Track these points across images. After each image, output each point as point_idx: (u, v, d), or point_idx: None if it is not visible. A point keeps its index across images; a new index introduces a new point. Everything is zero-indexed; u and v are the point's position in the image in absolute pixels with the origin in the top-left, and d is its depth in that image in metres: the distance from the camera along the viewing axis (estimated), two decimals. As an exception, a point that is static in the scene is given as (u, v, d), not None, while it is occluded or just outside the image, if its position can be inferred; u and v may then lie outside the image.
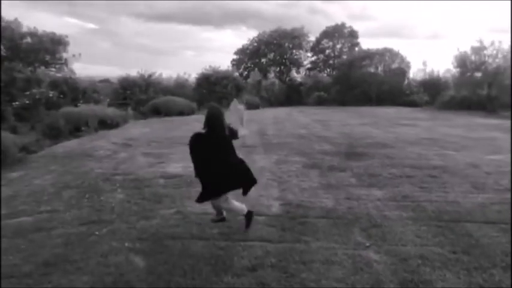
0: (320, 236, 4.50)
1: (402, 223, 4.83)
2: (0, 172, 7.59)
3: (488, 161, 8.19)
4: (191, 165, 4.50)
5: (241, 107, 5.23)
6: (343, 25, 39.04)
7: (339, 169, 7.64)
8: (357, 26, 48.84)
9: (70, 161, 8.66)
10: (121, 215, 5.26)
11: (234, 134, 4.46)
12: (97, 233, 4.66)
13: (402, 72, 31.06)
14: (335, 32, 38.88)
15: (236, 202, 4.60)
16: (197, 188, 6.28)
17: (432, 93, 28.28)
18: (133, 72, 27.82)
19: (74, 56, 27.49)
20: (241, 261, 3.88)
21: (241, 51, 42.56)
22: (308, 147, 9.80)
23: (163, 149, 9.83)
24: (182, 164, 7.98)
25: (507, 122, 16.58)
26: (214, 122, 4.26)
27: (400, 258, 3.89)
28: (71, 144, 11.05)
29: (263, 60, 42.10)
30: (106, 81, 31.20)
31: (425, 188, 6.30)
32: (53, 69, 27.16)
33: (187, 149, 4.42)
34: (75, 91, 21.08)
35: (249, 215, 4.66)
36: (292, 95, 33.92)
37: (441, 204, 5.47)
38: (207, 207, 5.36)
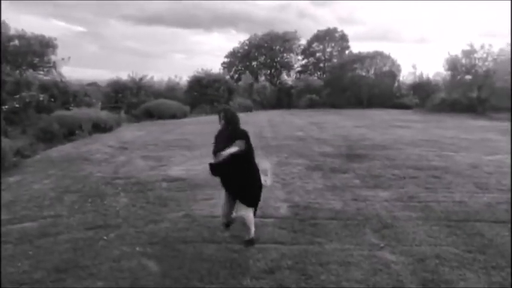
0: (333, 237, 4.47)
1: (413, 223, 4.82)
2: (0, 177, 7.43)
3: (488, 161, 8.27)
4: (193, 168, 4.48)
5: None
6: (334, 29, 39.27)
7: (341, 171, 7.63)
8: (345, 30, 49.20)
9: (68, 165, 8.50)
10: (127, 219, 5.16)
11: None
12: (105, 237, 4.56)
13: (393, 75, 31.32)
14: (326, 36, 39.07)
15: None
16: (202, 191, 6.29)
17: (422, 96, 28.58)
18: (121, 75, 27.55)
19: (63, 59, 27.13)
20: (258, 264, 3.83)
21: (232, 54, 42.52)
22: (308, 149, 9.78)
23: (162, 152, 9.71)
24: (183, 167, 7.87)
25: (499, 124, 16.83)
26: (234, 119, 4.19)
27: (417, 259, 3.87)
28: (66, 148, 10.86)
29: (254, 63, 42.13)
30: (94, 84, 30.81)
31: (430, 188, 6.32)
32: (41, 72, 26.78)
33: (185, 152, 4.41)
34: (65, 94, 20.79)
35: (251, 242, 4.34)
36: (283, 98, 33.93)
37: (448, 205, 5.49)
38: (214, 209, 5.33)
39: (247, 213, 4.21)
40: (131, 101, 24.72)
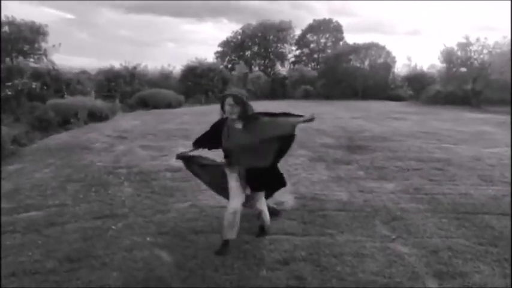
0: (343, 228, 4.47)
1: (422, 216, 4.84)
2: (0, 165, 7.29)
3: (488, 154, 8.34)
4: None
5: None
6: (329, 20, 39.17)
7: (344, 162, 7.64)
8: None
9: (67, 154, 8.38)
10: (133, 209, 5.11)
11: None
12: (113, 227, 4.51)
13: (387, 66, 31.41)
14: (320, 26, 38.97)
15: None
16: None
17: (417, 88, 28.73)
18: (112, 64, 27.16)
19: (53, 46, 26.63)
20: (271, 255, 3.81)
21: (225, 44, 42.22)
22: (309, 140, 9.77)
23: (161, 142, 9.63)
24: (186, 157, 7.81)
25: (493, 117, 17.00)
26: (248, 105, 3.84)
27: (430, 251, 3.89)
28: (63, 137, 10.72)
29: (247, 53, 41.90)
30: (84, 72, 30.33)
31: (434, 180, 6.35)
32: (32, 59, 26.31)
33: (186, 142, 4.38)
34: (58, 82, 20.46)
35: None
36: (278, 89, 33.86)
37: (455, 197, 5.52)
38: (220, 199, 5.27)
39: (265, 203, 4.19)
40: (125, 89, 24.45)
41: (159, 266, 3.60)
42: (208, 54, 67.58)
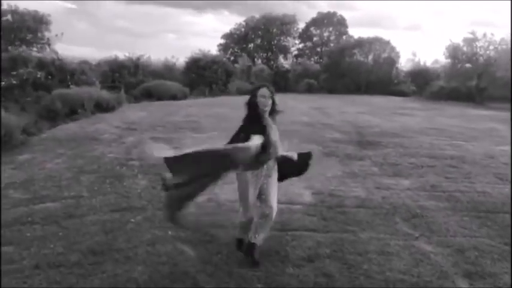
0: (365, 226, 4.44)
1: (442, 214, 4.81)
2: (0, 154, 7.22)
3: (501, 151, 8.31)
4: None
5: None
6: (333, 13, 38.85)
7: (356, 158, 7.60)
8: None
9: (77, 145, 8.32)
10: (151, 201, 5.07)
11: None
12: (132, 220, 4.47)
13: (391, 61, 31.25)
14: (324, 19, 38.67)
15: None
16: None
17: (420, 84, 28.60)
18: (115, 54, 26.95)
19: (56, 35, 26.43)
20: (296, 252, 3.78)
21: (229, 36, 41.89)
22: (318, 135, 9.72)
23: (171, 134, 9.57)
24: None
25: (499, 114, 16.95)
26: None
27: (455, 250, 3.86)
28: (71, 127, 10.64)
29: (250, 45, 41.59)
30: (85, 62, 30.11)
31: (450, 178, 6.32)
32: (35, 49, 26.11)
33: (195, 135, 4.26)
34: (62, 72, 20.33)
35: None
36: (280, 82, 33.68)
37: (473, 195, 5.49)
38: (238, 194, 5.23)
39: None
40: (129, 80, 24.29)
41: (183, 261, 3.56)
42: (208, 45, 67.06)
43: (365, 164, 7.14)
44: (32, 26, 25.75)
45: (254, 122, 3.35)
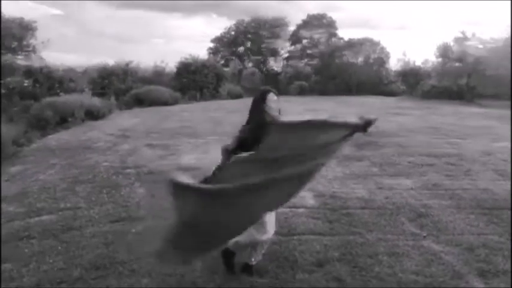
0: (371, 227, 4.36)
1: (447, 212, 4.76)
2: (0, 167, 7.05)
3: (498, 148, 8.32)
4: (204, 156, 4.22)
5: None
6: (323, 15, 38.97)
7: (355, 158, 7.54)
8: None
9: (70, 154, 8.15)
10: (150, 210, 4.95)
11: None
12: (133, 230, 4.35)
13: (381, 62, 31.40)
14: (314, 21, 38.77)
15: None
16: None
17: (411, 83, 28.77)
18: (104, 61, 26.65)
19: (43, 42, 26.11)
20: (304, 256, 3.69)
21: (218, 40, 41.81)
22: (315, 137, 9.65)
23: (166, 141, 9.43)
24: (194, 156, 7.65)
25: (490, 111, 17.07)
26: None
27: (465, 248, 3.81)
28: (63, 136, 10.45)
29: (240, 49, 41.55)
30: (71, 70, 29.67)
31: (451, 176, 6.29)
32: (20, 56, 25.74)
33: (191, 140, 4.15)
34: (50, 80, 20.03)
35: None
36: (271, 84, 33.65)
37: (475, 192, 5.45)
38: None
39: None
40: (118, 87, 24.04)
41: (190, 272, 3.44)
42: (197, 49, 66.66)
43: (364, 165, 7.09)
44: (17, 33, 25.40)
45: (259, 128, 3.08)
